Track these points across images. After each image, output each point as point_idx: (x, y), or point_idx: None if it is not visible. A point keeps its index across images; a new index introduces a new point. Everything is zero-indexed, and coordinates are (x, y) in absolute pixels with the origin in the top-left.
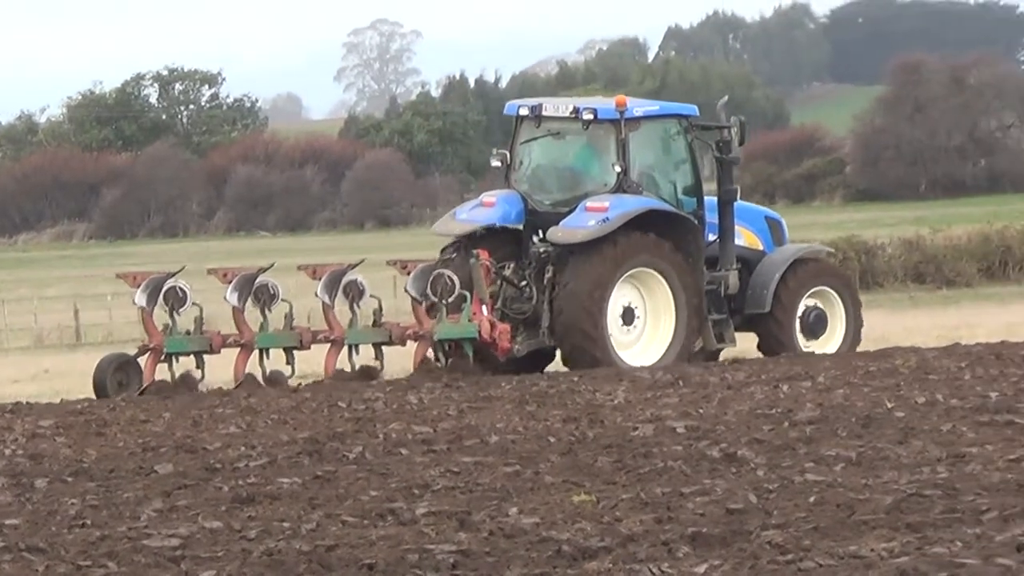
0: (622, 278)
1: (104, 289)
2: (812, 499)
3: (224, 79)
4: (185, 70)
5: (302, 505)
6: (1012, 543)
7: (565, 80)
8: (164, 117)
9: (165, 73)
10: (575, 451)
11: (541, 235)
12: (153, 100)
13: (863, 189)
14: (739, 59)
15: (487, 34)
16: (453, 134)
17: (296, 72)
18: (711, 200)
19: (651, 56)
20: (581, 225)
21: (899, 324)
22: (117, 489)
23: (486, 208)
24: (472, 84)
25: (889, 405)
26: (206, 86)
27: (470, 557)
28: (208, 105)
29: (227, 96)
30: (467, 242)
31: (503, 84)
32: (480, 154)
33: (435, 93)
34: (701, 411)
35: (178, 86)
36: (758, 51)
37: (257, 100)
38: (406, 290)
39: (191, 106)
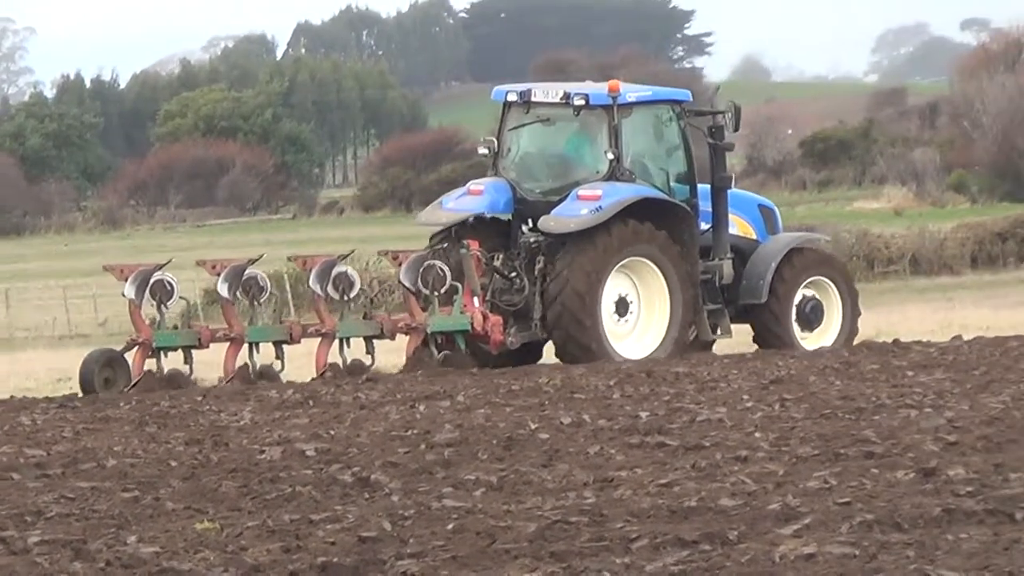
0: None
1: None
2: (451, 526)
3: None
4: None
5: None
6: (663, 572)
7: (188, 80)
8: None
9: None
10: (198, 475)
11: (531, 224)
12: None
13: None
14: (374, 57)
15: (105, 31)
16: (69, 137)
17: None
18: (704, 188)
19: (280, 53)
20: (574, 214)
21: None
22: None
23: (473, 197)
24: (89, 84)
25: (533, 426)
26: None
27: None
28: None
29: None
30: (455, 232)
31: (122, 84)
32: (98, 159)
33: (49, 94)
34: (332, 433)
35: None
36: (394, 48)
37: None
38: (399, 281)
39: None
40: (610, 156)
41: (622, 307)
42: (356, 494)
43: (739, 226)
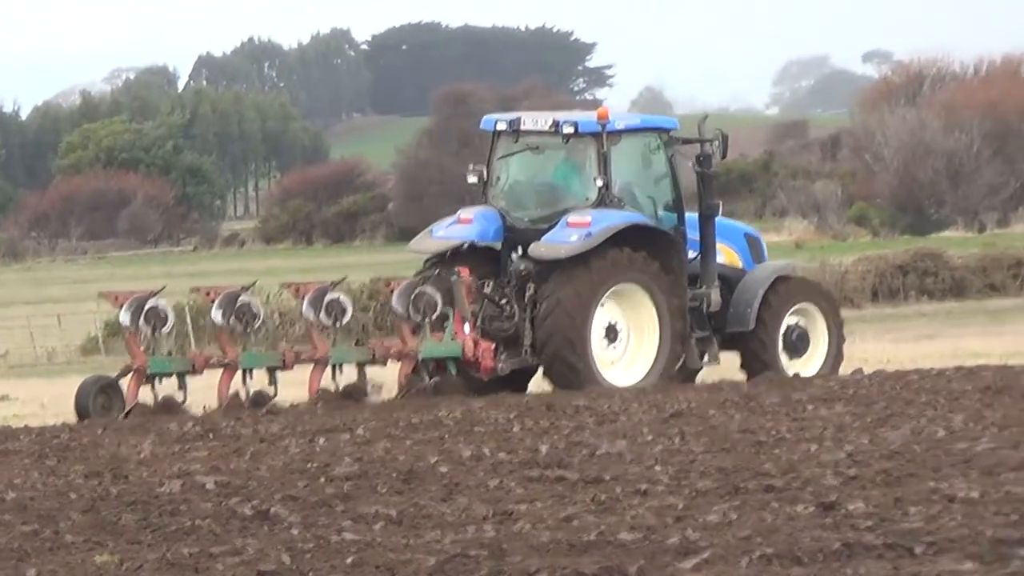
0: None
1: None
2: (350, 560)
3: None
4: None
5: None
6: None
7: (89, 112)
8: None
9: None
10: (98, 508)
11: (520, 252)
12: None
13: (407, 227)
14: (276, 88)
15: (6, 61)
16: None
17: None
18: (691, 216)
19: (181, 85)
20: (563, 240)
21: None
22: None
23: (463, 225)
24: None
25: (432, 459)
26: None
27: None
28: None
29: None
30: (446, 259)
31: (23, 115)
32: (0, 191)
33: None
34: (232, 466)
35: None
36: (295, 80)
37: None
38: (391, 307)
39: None
40: (599, 183)
41: (611, 334)
42: (255, 527)
43: (725, 254)
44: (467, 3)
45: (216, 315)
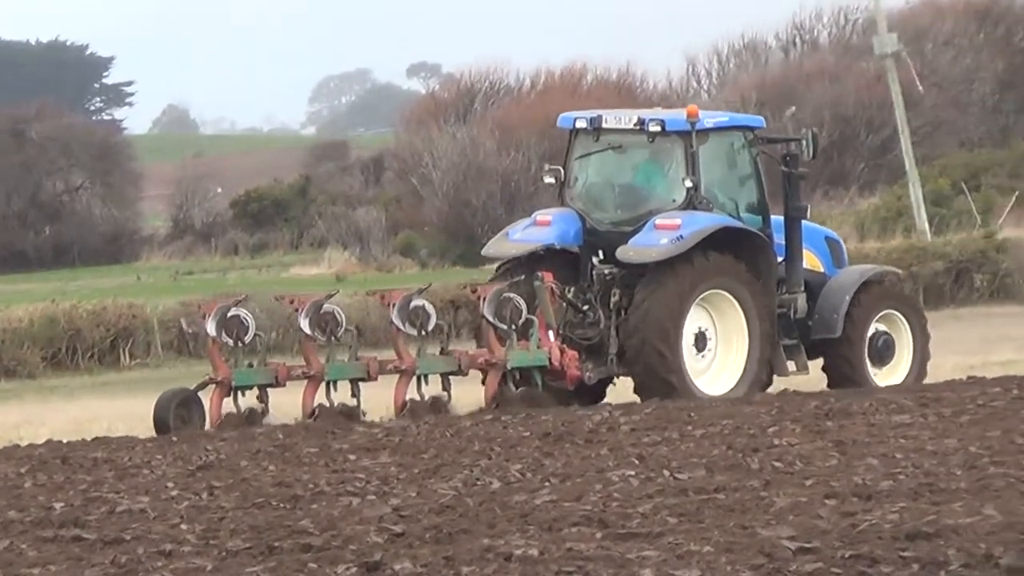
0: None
1: None
2: None
3: None
4: None
5: None
6: None
7: None
8: None
9: None
10: None
11: (602, 256)
12: None
13: None
14: None
15: None
16: None
17: None
18: (775, 218)
19: None
20: (653, 244)
21: None
22: None
23: (541, 227)
24: None
25: None
26: None
27: None
28: None
29: None
30: (524, 264)
31: None
32: None
33: None
34: None
35: None
36: None
37: None
38: (483, 315)
39: None
40: (688, 184)
41: (701, 341)
42: None
43: (808, 259)
44: None
45: (303, 324)
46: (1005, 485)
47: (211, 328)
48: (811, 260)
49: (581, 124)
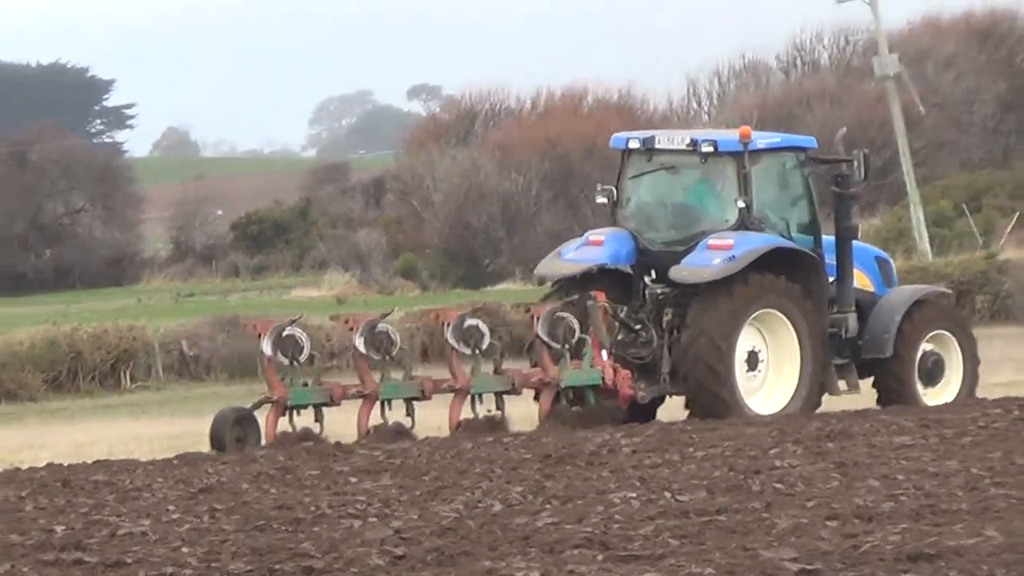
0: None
1: None
2: None
3: None
4: None
5: None
6: None
7: None
8: None
9: None
10: None
11: (654, 275)
12: None
13: None
14: None
15: None
16: None
17: None
18: (826, 238)
19: None
20: (706, 264)
21: None
22: None
23: (593, 247)
24: None
25: None
26: None
27: None
28: None
29: None
30: (577, 283)
31: None
32: None
33: None
34: None
35: None
36: None
37: None
38: (537, 335)
39: None
40: (740, 204)
41: (752, 361)
42: None
43: (858, 278)
44: None
45: (358, 343)
46: (1007, 506)
47: (267, 348)
48: (862, 280)
49: (634, 144)
